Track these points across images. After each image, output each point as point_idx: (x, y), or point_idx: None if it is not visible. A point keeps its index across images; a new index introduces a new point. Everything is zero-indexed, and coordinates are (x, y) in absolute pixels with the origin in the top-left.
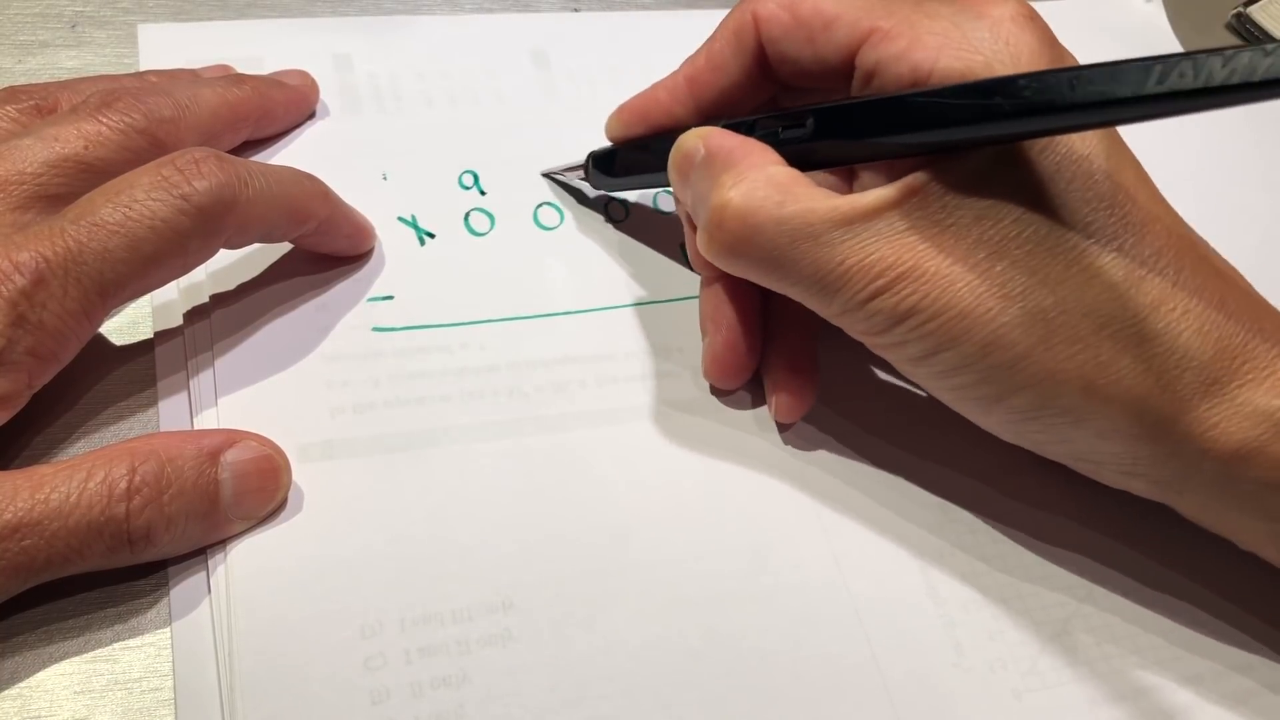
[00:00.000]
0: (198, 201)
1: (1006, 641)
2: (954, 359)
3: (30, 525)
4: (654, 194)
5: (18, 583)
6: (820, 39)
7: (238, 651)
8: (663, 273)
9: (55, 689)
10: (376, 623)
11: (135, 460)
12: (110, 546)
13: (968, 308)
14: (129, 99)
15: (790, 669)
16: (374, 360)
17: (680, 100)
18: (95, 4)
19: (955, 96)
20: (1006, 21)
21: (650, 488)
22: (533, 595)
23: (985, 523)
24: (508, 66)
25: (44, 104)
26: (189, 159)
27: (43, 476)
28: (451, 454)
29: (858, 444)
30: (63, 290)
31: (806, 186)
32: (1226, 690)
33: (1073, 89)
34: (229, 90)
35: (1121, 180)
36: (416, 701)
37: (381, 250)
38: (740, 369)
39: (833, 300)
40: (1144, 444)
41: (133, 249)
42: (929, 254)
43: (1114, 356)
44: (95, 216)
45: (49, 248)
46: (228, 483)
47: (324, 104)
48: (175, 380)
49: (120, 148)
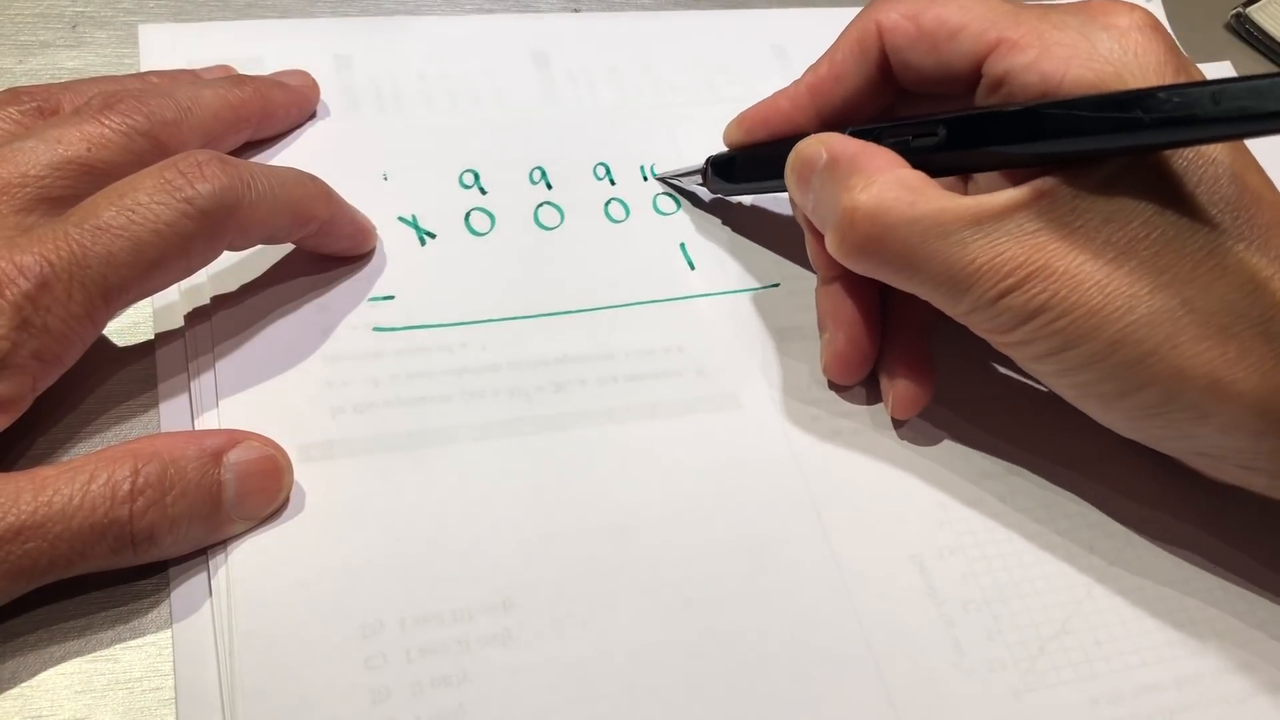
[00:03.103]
0: (201, 204)
1: (1006, 641)
2: (1080, 357)
3: (34, 528)
4: (654, 195)
5: (22, 585)
6: (945, 48)
7: (239, 651)
8: (663, 272)
9: (56, 688)
10: (377, 622)
11: (138, 462)
12: (114, 548)
13: (1096, 306)
14: (131, 101)
15: (790, 669)
16: (375, 360)
17: (801, 108)
18: (96, 4)
19: (1093, 109)
20: (1134, 31)
21: (650, 488)
22: (533, 595)
23: (985, 522)
24: (508, 67)
25: (46, 105)
26: (192, 162)
27: (46, 479)
28: (452, 454)
29: (856, 445)
30: (67, 294)
31: (935, 188)
32: (1226, 690)
33: (1216, 103)
34: (230, 91)
35: (1248, 182)
36: (417, 701)
37: (382, 250)
38: (861, 365)
39: (962, 299)
40: (1268, 439)
41: (136, 252)
42: (1059, 253)
43: (1241, 353)
44: (99, 219)
45: (53, 251)
46: (230, 483)
47: (324, 104)
48: (176, 381)
49: (123, 150)
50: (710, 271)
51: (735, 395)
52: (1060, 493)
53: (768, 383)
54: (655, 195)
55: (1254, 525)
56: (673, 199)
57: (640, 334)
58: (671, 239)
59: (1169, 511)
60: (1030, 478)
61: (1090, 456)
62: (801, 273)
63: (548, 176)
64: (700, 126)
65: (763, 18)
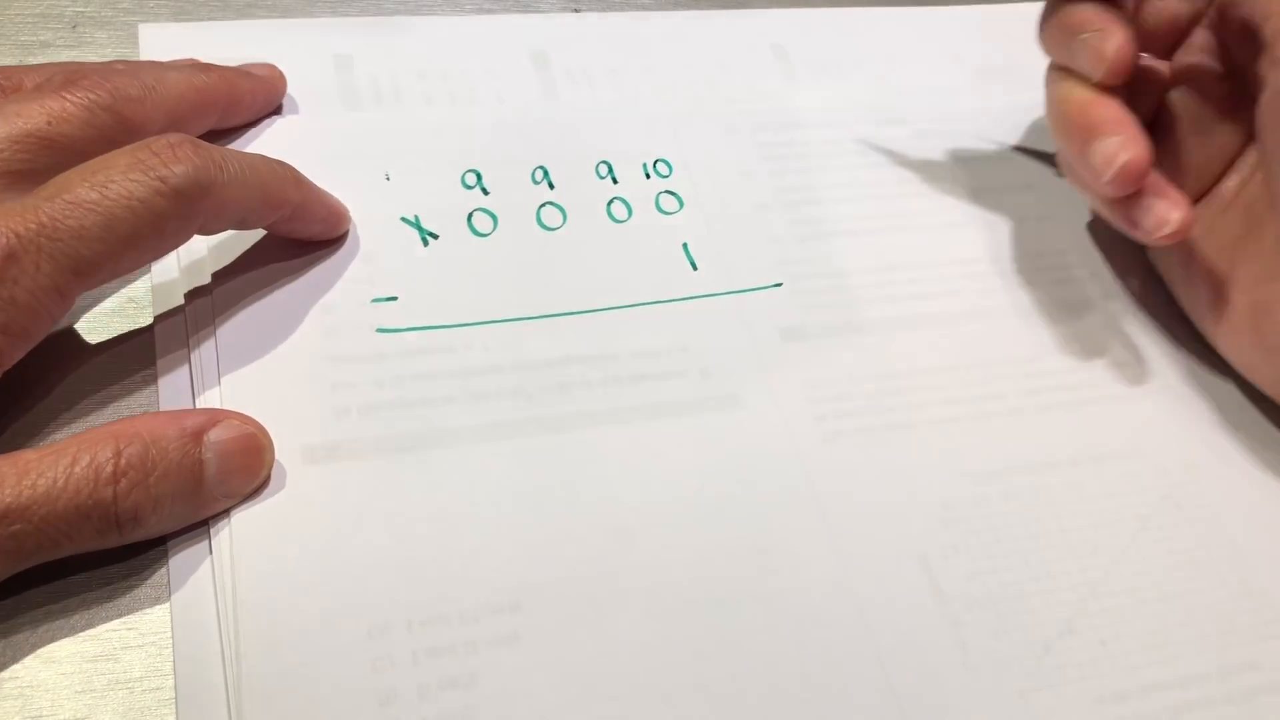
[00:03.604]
0: (175, 184)
1: (1012, 641)
2: None
3: (18, 511)
4: (656, 194)
5: (8, 567)
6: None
7: (245, 653)
8: (666, 272)
9: (56, 688)
10: (383, 624)
11: (120, 443)
12: (99, 529)
13: None
14: (95, 77)
15: (795, 669)
16: (378, 361)
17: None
18: (96, 4)
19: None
20: None
21: (654, 488)
22: (539, 596)
23: (989, 521)
24: (508, 67)
25: (7, 84)
26: (165, 143)
27: (28, 462)
28: (456, 455)
29: (860, 445)
30: (35, 266)
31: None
32: (1232, 689)
33: None
34: (196, 76)
35: None
36: (424, 703)
37: (385, 251)
38: (1146, 172)
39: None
40: None
41: (108, 228)
42: None
43: None
44: (71, 194)
45: (20, 223)
46: (211, 462)
47: (325, 104)
48: (179, 383)
49: (85, 124)
50: (713, 271)
51: (739, 396)
52: (1063, 491)
53: (771, 383)
54: (658, 194)
55: (1256, 524)
56: (675, 198)
57: (643, 334)
58: (674, 239)
59: (1172, 511)
60: (1033, 477)
61: (1092, 455)
62: (804, 272)
63: (550, 176)
64: (700, 126)
65: (763, 18)
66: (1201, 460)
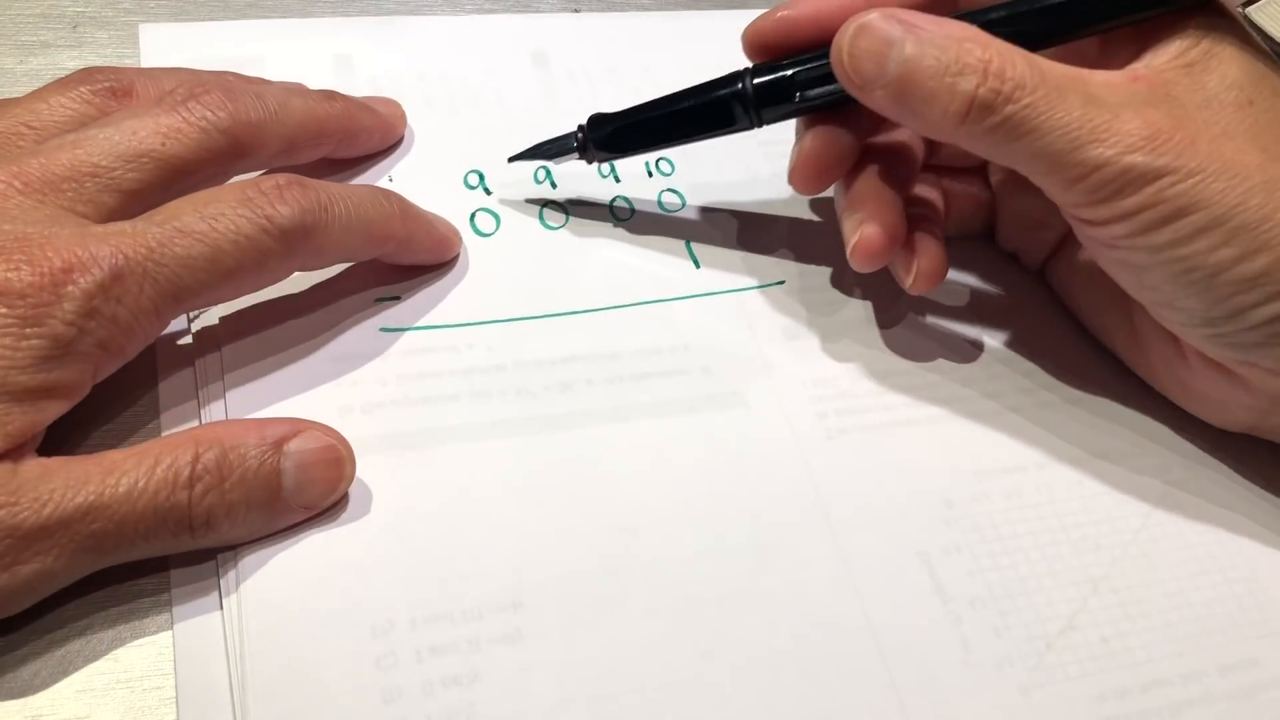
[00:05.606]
0: (280, 224)
1: (1013, 638)
2: (1197, 222)
3: (100, 509)
4: (658, 193)
5: (87, 564)
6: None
7: (249, 652)
8: (668, 271)
9: (56, 688)
10: (387, 622)
11: (199, 447)
12: (174, 532)
13: (1218, 169)
14: (218, 95)
15: (798, 666)
16: (382, 360)
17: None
18: (96, 4)
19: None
20: None
21: (657, 486)
22: (541, 594)
23: (991, 519)
24: (508, 67)
25: (119, 86)
26: (273, 184)
27: (114, 462)
28: (459, 453)
29: (862, 443)
30: (139, 288)
31: (1049, 62)
32: (1233, 686)
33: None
34: (319, 105)
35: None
36: (428, 700)
37: None
38: (889, 249)
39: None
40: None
41: (213, 260)
42: (1174, 122)
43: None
44: (180, 222)
45: (130, 246)
46: (290, 472)
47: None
48: (183, 383)
49: (198, 146)
50: (715, 269)
51: (741, 394)
52: (1065, 489)
53: (773, 381)
54: (660, 192)
55: (1256, 522)
56: (678, 195)
57: (645, 333)
58: (676, 237)
59: (1174, 508)
60: (1035, 474)
61: (1094, 452)
62: (807, 270)
63: (552, 176)
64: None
65: None
66: (1202, 457)
